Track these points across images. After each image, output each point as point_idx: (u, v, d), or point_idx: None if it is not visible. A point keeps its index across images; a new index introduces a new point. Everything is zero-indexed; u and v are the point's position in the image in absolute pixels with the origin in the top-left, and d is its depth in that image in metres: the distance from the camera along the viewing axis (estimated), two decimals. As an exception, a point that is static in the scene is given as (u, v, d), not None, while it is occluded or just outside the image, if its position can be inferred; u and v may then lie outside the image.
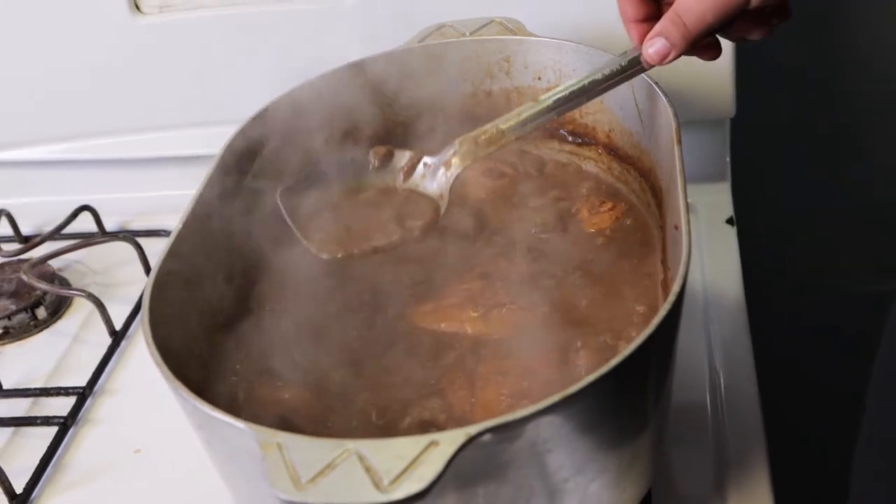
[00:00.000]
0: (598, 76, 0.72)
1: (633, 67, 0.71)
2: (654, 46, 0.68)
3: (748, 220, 1.04)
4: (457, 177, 0.77)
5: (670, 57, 0.68)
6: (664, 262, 0.74)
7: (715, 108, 1.02)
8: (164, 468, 0.84)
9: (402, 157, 0.80)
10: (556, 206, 0.84)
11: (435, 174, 0.78)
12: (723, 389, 0.84)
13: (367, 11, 1.00)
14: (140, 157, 1.13)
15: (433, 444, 0.51)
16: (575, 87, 0.73)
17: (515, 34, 0.88)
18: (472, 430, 0.52)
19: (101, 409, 0.91)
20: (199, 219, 0.74)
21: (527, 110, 0.74)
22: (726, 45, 0.97)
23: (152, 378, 0.63)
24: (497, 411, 0.65)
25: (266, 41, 1.04)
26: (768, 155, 1.27)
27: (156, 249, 0.77)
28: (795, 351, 1.30)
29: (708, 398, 0.84)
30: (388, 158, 0.80)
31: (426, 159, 0.79)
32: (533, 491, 0.58)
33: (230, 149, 0.80)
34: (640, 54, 0.70)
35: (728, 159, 1.07)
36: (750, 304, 0.93)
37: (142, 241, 1.05)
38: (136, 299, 1.01)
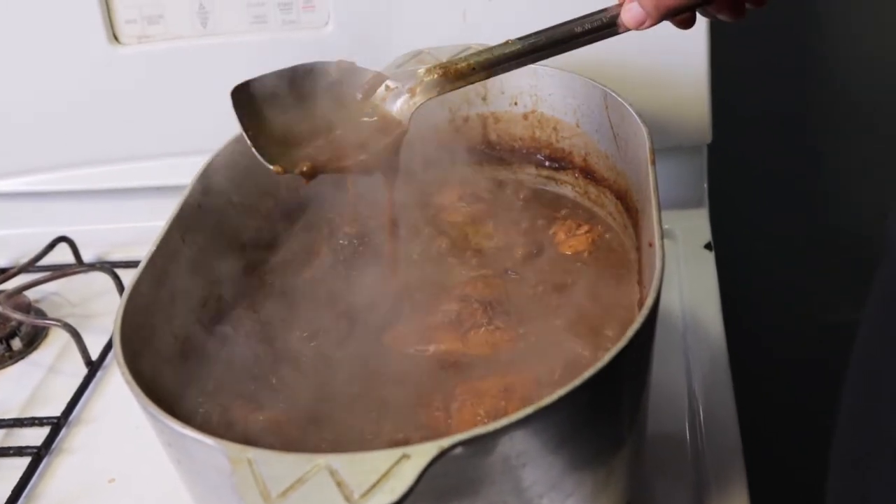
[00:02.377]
0: (577, 28, 0.70)
1: (609, 27, 0.69)
2: (630, 12, 0.67)
3: (726, 247, 1.04)
4: (419, 106, 0.74)
5: (645, 25, 0.67)
6: (640, 282, 0.74)
7: (692, 135, 1.02)
8: (137, 497, 0.83)
9: (364, 74, 0.77)
10: (532, 229, 0.84)
11: (396, 99, 0.75)
12: (702, 414, 0.84)
13: (346, 39, 1.01)
14: (118, 187, 1.12)
15: (405, 457, 0.51)
16: (550, 34, 0.70)
17: (492, 60, 0.88)
18: (445, 442, 0.52)
19: (76, 438, 0.90)
20: (171, 244, 0.74)
21: (500, 48, 0.71)
22: (702, 72, 0.99)
23: (128, 408, 0.62)
24: (474, 431, 0.64)
25: (246, 70, 1.03)
26: (746, 182, 1.27)
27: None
28: (774, 376, 1.29)
29: (687, 423, 0.83)
30: (349, 74, 0.77)
31: (388, 82, 0.76)
32: (507, 507, 0.57)
33: (204, 175, 0.80)
34: (618, 14, 0.68)
35: (706, 185, 1.07)
36: (728, 330, 0.92)
37: (120, 272, 1.04)
38: (112, 330, 1.00)
